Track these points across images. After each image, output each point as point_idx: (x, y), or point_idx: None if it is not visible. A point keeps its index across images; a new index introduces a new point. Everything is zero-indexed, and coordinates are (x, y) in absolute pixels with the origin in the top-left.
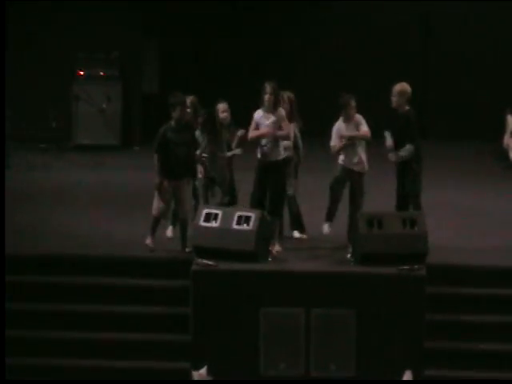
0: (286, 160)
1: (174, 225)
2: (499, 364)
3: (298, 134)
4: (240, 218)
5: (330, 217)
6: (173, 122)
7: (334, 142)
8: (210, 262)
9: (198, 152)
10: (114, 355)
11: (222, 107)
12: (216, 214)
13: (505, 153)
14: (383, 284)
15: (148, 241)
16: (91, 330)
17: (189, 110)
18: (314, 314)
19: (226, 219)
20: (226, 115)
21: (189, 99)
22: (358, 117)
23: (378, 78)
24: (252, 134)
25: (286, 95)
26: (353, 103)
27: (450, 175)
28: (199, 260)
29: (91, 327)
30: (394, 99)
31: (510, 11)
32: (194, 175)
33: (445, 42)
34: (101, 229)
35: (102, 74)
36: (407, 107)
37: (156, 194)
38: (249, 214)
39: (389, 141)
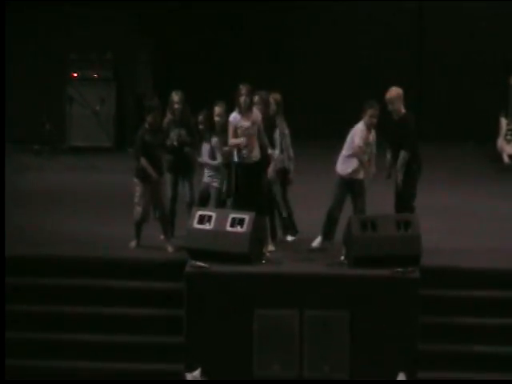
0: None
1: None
2: (494, 366)
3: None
4: (234, 220)
5: (327, 235)
6: (147, 125)
7: (362, 143)
8: (203, 264)
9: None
10: (107, 357)
11: (217, 110)
12: (210, 216)
13: (498, 155)
14: (377, 286)
15: (131, 244)
16: (83, 332)
17: (177, 106)
18: (308, 315)
19: (220, 221)
20: (218, 120)
21: (177, 95)
22: (373, 133)
23: (370, 79)
24: (232, 142)
25: (273, 97)
26: (372, 112)
27: (443, 177)
28: (193, 262)
29: (83, 329)
30: (391, 106)
31: (507, 9)
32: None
33: (439, 42)
34: (94, 231)
35: (95, 75)
36: (403, 111)
37: (136, 199)
38: (243, 216)
39: (388, 158)
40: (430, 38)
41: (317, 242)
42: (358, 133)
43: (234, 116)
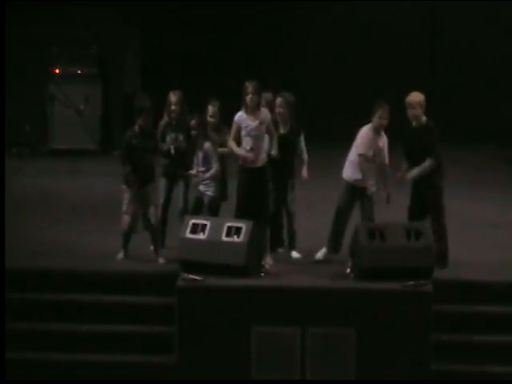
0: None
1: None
2: None
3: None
4: (230, 229)
5: (333, 246)
6: (137, 128)
7: (365, 151)
8: (196, 277)
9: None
10: (94, 377)
11: (210, 110)
12: (203, 225)
13: None
14: (386, 301)
15: (119, 255)
16: (67, 351)
17: (174, 108)
18: (311, 333)
19: (215, 230)
20: (212, 121)
21: (175, 96)
22: (384, 138)
23: (383, 78)
24: (233, 149)
25: (285, 98)
26: (381, 112)
27: (459, 182)
28: (185, 275)
29: (67, 347)
30: (413, 111)
31: None
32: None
33: (455, 41)
34: (78, 241)
35: (79, 71)
36: (424, 118)
37: (124, 207)
38: (239, 224)
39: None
40: (445, 33)
41: (321, 253)
42: (361, 137)
43: (240, 115)
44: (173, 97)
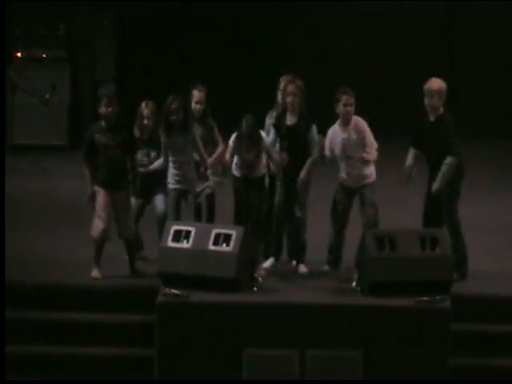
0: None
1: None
2: None
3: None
4: (218, 236)
5: (333, 259)
6: (103, 122)
7: (328, 152)
8: (179, 292)
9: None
10: None
11: (196, 96)
12: (188, 232)
13: None
14: (397, 319)
15: (94, 273)
16: (34, 374)
17: (147, 122)
18: (310, 356)
19: (201, 238)
20: (198, 108)
21: (148, 108)
22: (359, 121)
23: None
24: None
25: (295, 84)
26: (346, 99)
27: (479, 184)
28: (166, 289)
29: (30, 373)
30: (433, 101)
31: None
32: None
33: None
34: (42, 250)
35: (44, 55)
36: (442, 109)
37: (97, 210)
38: (229, 231)
39: (409, 161)
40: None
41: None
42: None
43: None
44: (145, 109)
